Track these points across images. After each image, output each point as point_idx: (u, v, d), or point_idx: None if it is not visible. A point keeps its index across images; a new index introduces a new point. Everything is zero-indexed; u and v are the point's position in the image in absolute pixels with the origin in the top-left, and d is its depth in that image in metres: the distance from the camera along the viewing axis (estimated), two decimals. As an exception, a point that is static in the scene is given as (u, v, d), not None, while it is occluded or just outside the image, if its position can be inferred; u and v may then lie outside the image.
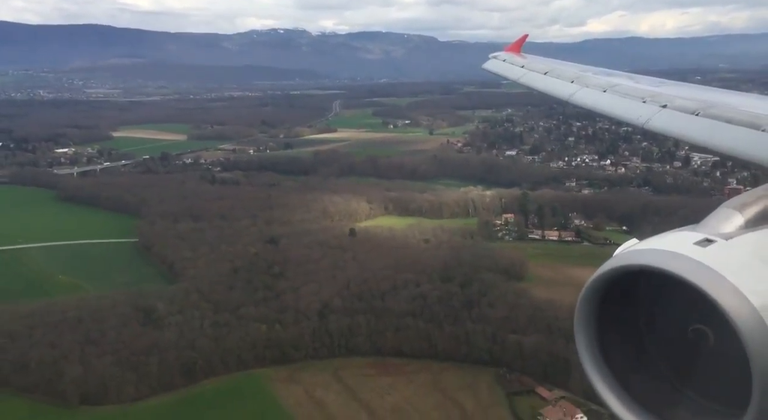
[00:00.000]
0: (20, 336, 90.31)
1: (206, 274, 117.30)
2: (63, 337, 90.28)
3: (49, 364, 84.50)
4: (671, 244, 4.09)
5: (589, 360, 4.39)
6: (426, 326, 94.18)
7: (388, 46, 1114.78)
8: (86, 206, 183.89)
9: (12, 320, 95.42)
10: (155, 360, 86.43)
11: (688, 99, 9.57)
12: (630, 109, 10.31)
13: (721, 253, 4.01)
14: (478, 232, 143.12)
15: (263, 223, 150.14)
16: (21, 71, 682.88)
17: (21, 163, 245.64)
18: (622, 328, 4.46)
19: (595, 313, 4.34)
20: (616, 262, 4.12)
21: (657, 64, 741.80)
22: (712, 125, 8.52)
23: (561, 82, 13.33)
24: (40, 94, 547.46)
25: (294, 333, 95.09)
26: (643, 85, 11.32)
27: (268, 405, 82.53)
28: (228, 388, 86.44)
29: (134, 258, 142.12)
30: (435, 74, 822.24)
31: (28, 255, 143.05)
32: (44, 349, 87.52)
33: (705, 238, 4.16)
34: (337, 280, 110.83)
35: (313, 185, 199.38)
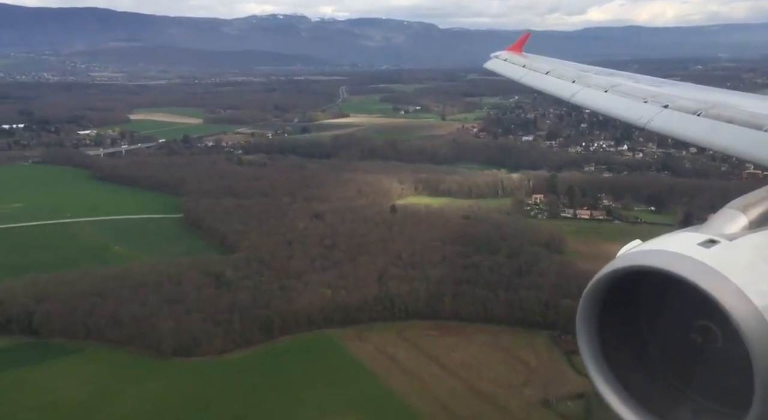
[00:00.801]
0: (108, 296, 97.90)
1: (261, 245, 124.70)
2: (148, 296, 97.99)
3: (142, 320, 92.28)
4: (675, 245, 4.17)
5: (591, 359, 4.47)
6: (481, 292, 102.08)
7: (388, 32, 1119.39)
8: (121, 185, 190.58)
9: (95, 283, 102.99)
10: (236, 317, 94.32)
11: (689, 99, 9.75)
12: (631, 109, 10.54)
13: (724, 254, 4.07)
14: (513, 211, 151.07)
15: (303, 201, 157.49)
16: (23, 54, 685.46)
17: (47, 144, 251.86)
18: (625, 328, 4.53)
19: (598, 313, 4.41)
20: (620, 263, 4.21)
21: (657, 53, 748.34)
22: (714, 125, 8.60)
23: (562, 82, 13.65)
24: (44, 77, 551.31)
25: (357, 297, 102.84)
26: (645, 85, 11.54)
27: (344, 359, 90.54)
28: (303, 344, 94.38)
29: (181, 232, 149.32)
30: (435, 61, 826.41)
31: (79, 228, 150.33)
32: (134, 306, 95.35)
33: (708, 239, 4.22)
34: (388, 252, 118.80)
35: (340, 167, 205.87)
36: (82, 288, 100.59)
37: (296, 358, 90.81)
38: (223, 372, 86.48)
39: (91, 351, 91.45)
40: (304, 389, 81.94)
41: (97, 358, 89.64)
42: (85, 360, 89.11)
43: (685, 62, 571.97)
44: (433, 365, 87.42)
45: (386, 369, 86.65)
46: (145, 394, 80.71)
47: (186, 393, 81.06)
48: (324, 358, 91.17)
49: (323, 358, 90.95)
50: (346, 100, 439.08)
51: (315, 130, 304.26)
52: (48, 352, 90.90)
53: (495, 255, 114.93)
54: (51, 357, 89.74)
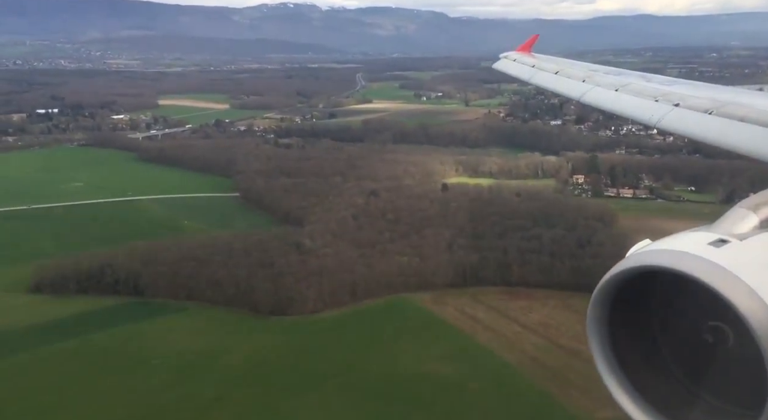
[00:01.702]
0: (204, 261, 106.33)
1: (327, 219, 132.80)
2: (241, 261, 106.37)
3: (241, 282, 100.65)
4: (685, 245, 4.18)
5: (602, 360, 4.47)
6: (547, 260, 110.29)
7: (398, 21, 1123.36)
8: (169, 166, 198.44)
9: (189, 250, 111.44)
10: (325, 280, 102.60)
11: (700, 98, 9.73)
12: (642, 108, 10.54)
13: (735, 254, 4.07)
14: (558, 190, 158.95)
15: (354, 180, 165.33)
16: (38, 42, 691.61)
17: (84, 128, 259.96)
18: (636, 328, 4.55)
19: (609, 313, 4.43)
20: (630, 263, 4.23)
21: (668, 41, 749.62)
22: (726, 124, 8.66)
23: (572, 81, 13.76)
24: (61, 64, 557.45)
25: (430, 265, 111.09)
26: (655, 84, 11.55)
27: (428, 318, 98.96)
28: (386, 306, 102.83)
29: (240, 209, 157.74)
30: (446, 50, 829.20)
31: (144, 205, 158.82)
32: (230, 270, 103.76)
33: (719, 238, 4.24)
34: (450, 225, 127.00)
35: (377, 150, 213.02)
36: (179, 254, 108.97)
37: (383, 317, 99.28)
38: (320, 328, 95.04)
39: (194, 310, 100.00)
40: (398, 343, 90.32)
41: (201, 315, 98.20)
42: (190, 317, 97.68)
43: (698, 50, 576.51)
44: (513, 324, 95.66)
45: (471, 327, 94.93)
46: (254, 345, 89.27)
47: (292, 345, 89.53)
48: (409, 317, 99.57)
49: (408, 318, 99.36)
50: (366, 87, 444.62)
51: (342, 115, 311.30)
52: (155, 310, 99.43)
53: (553, 228, 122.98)
54: (159, 314, 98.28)
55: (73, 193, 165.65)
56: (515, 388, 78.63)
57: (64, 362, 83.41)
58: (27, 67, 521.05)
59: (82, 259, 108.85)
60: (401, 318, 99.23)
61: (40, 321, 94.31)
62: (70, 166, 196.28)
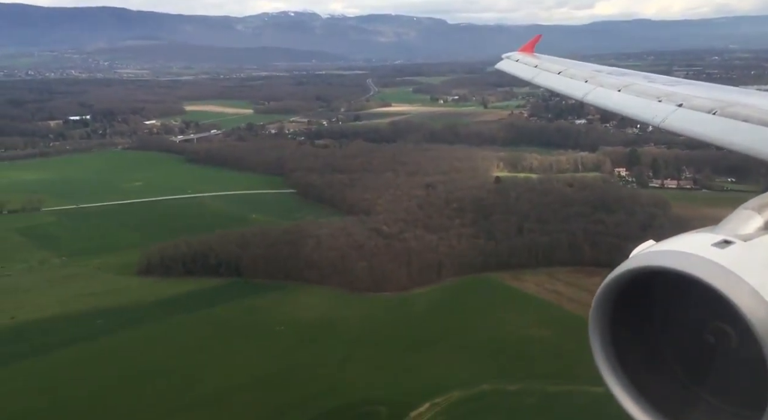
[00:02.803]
0: (296, 245, 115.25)
1: (394, 209, 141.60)
2: (331, 244, 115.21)
3: (337, 262, 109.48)
4: (689, 246, 4.21)
5: (603, 361, 4.53)
6: (616, 241, 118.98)
7: (399, 28, 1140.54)
8: (216, 166, 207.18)
9: (278, 236, 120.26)
10: (414, 260, 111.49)
11: (704, 98, 9.92)
12: (645, 108, 10.78)
13: (739, 255, 4.10)
14: (606, 181, 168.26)
15: (405, 175, 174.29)
16: (46, 52, 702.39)
17: (121, 133, 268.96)
18: (638, 329, 4.60)
19: (611, 314, 4.49)
20: (634, 264, 4.27)
21: (666, 45, 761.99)
22: (730, 124, 8.76)
23: (575, 81, 14.00)
24: (72, 74, 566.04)
25: (504, 247, 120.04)
26: (658, 85, 11.82)
27: (513, 293, 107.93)
28: (469, 284, 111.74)
29: (300, 203, 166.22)
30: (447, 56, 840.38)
31: (206, 202, 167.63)
32: (323, 252, 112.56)
33: (723, 239, 4.26)
34: (515, 212, 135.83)
35: (414, 149, 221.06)
36: (271, 239, 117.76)
37: (470, 292, 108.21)
38: (415, 302, 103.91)
39: (293, 288, 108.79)
40: (493, 313, 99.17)
41: (302, 292, 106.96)
42: (293, 294, 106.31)
43: (699, 53, 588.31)
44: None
45: (555, 299, 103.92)
46: (361, 316, 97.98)
47: (396, 316, 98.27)
48: (494, 292, 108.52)
49: (494, 293, 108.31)
50: (379, 91, 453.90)
51: (366, 118, 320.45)
52: (257, 288, 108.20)
53: (613, 214, 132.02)
54: (262, 292, 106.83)
55: (136, 191, 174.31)
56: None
57: (195, 330, 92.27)
58: (40, 77, 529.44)
59: (181, 245, 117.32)
60: (487, 293, 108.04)
61: (159, 298, 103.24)
62: (124, 167, 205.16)
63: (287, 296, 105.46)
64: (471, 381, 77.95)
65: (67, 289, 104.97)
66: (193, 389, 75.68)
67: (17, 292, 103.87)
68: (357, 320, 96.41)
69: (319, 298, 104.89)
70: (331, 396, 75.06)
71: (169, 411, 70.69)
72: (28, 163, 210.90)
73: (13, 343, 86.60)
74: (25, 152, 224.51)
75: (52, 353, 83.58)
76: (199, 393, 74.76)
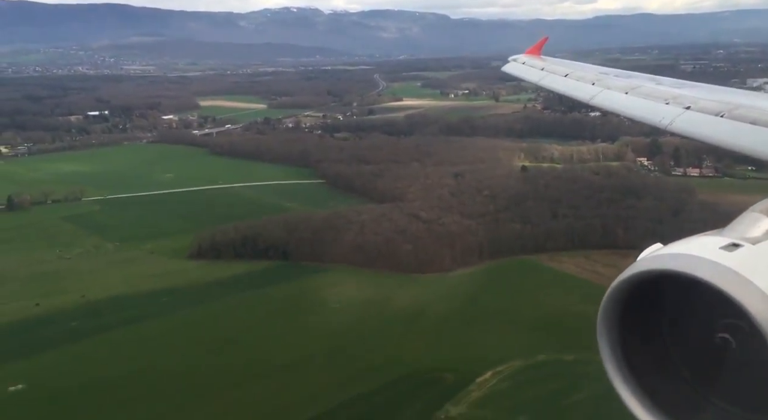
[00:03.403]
0: (340, 230, 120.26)
1: (427, 197, 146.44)
2: (374, 229, 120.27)
3: (382, 245, 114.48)
4: (697, 249, 4.21)
5: (612, 365, 4.52)
6: (649, 224, 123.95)
7: (401, 23, 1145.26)
8: (242, 158, 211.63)
9: (321, 222, 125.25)
10: (457, 244, 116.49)
11: (711, 101, 9.94)
12: (653, 110, 10.81)
13: (748, 258, 4.10)
14: (630, 169, 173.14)
15: (431, 165, 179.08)
16: (52, 49, 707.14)
17: (141, 128, 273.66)
18: (646, 333, 4.59)
19: (619, 317, 4.47)
20: (642, 267, 4.26)
21: (670, 39, 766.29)
22: (738, 127, 8.78)
23: (582, 84, 14.14)
24: (80, 70, 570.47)
25: (541, 231, 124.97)
26: (666, 87, 11.84)
27: (554, 274, 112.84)
28: (510, 265, 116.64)
29: (330, 192, 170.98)
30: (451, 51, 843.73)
31: (239, 191, 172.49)
32: (369, 236, 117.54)
33: (731, 242, 4.28)
34: (546, 198, 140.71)
35: (433, 141, 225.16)
36: (316, 225, 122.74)
37: (512, 273, 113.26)
38: (460, 282, 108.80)
39: (340, 270, 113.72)
40: (538, 292, 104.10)
41: (350, 274, 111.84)
42: (341, 275, 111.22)
43: (704, 47, 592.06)
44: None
45: (597, 279, 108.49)
46: (410, 294, 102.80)
47: (443, 295, 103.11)
48: (535, 273, 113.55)
49: (535, 273, 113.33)
50: (388, 86, 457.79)
51: (379, 112, 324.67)
52: (306, 271, 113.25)
53: (643, 199, 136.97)
54: (310, 275, 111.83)
55: (168, 182, 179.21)
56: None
57: (255, 308, 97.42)
58: (48, 73, 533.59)
59: (230, 231, 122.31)
60: (529, 273, 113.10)
61: (215, 279, 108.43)
62: (152, 160, 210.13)
63: (336, 278, 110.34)
64: (528, 352, 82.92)
65: (127, 271, 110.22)
66: (268, 359, 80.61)
67: (81, 274, 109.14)
68: (409, 299, 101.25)
69: (368, 279, 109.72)
70: (397, 365, 79.98)
71: (250, 377, 75.65)
72: (59, 156, 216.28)
73: (90, 318, 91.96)
74: (54, 146, 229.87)
75: (128, 327, 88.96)
76: (274, 362, 79.65)
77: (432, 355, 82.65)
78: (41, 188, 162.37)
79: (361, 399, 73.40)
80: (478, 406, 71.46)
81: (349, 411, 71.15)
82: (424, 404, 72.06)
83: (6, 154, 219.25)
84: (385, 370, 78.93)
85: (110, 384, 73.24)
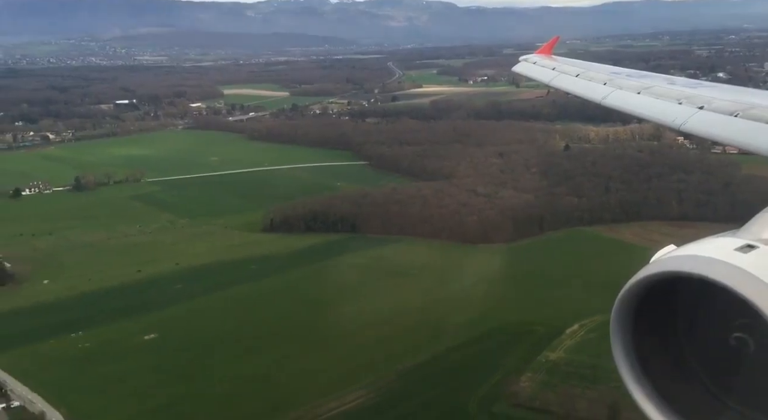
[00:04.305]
0: (404, 204, 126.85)
1: (477, 174, 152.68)
2: (437, 202, 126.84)
3: (447, 217, 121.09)
4: (711, 251, 4.20)
5: (626, 367, 4.51)
6: (702, 197, 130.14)
7: (410, 12, 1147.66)
8: (279, 143, 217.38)
9: (382, 198, 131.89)
10: (519, 215, 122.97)
11: (725, 100, 9.93)
12: (666, 110, 10.82)
13: (763, 259, 4.08)
14: (670, 147, 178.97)
15: (474, 146, 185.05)
16: (63, 40, 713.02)
17: (172, 115, 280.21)
18: (661, 335, 4.57)
19: (633, 319, 4.45)
20: (655, 268, 4.28)
21: (678, 25, 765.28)
22: (753, 127, 8.75)
23: (593, 84, 14.18)
24: (93, 61, 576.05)
25: (596, 203, 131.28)
26: (679, 87, 11.85)
27: (613, 243, 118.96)
28: (571, 235, 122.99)
29: (375, 173, 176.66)
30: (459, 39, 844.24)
31: (287, 173, 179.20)
32: (433, 209, 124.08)
33: (746, 244, 4.27)
34: (594, 174, 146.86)
35: (465, 124, 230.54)
36: (381, 199, 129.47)
37: (574, 242, 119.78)
38: (526, 251, 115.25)
39: (408, 241, 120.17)
40: (601, 258, 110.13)
41: (419, 245, 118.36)
42: (411, 246, 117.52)
43: (715, 33, 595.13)
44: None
45: (655, 247, 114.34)
46: (482, 262, 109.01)
47: (515, 261, 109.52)
48: (597, 242, 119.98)
49: (597, 242, 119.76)
50: (404, 74, 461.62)
51: (403, 98, 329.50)
52: (376, 242, 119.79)
53: (691, 174, 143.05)
54: (382, 245, 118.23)
55: (215, 165, 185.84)
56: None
57: (336, 273, 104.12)
58: (63, 64, 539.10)
59: (298, 206, 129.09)
60: (591, 242, 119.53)
61: (292, 249, 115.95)
62: (194, 145, 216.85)
63: (407, 247, 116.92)
64: (607, 308, 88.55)
65: (208, 243, 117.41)
66: (361, 315, 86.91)
67: (167, 246, 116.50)
68: (481, 265, 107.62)
69: (437, 249, 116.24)
70: (488, 319, 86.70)
71: (354, 329, 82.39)
72: (105, 142, 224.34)
73: (191, 282, 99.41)
74: (96, 132, 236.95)
75: (227, 289, 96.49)
76: (367, 318, 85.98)
77: (518, 312, 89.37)
78: (103, 170, 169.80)
79: (462, 347, 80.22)
80: (574, 351, 78.16)
81: (454, 357, 77.89)
82: (523, 351, 78.79)
83: (54, 140, 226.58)
84: (477, 324, 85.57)
85: (231, 334, 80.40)
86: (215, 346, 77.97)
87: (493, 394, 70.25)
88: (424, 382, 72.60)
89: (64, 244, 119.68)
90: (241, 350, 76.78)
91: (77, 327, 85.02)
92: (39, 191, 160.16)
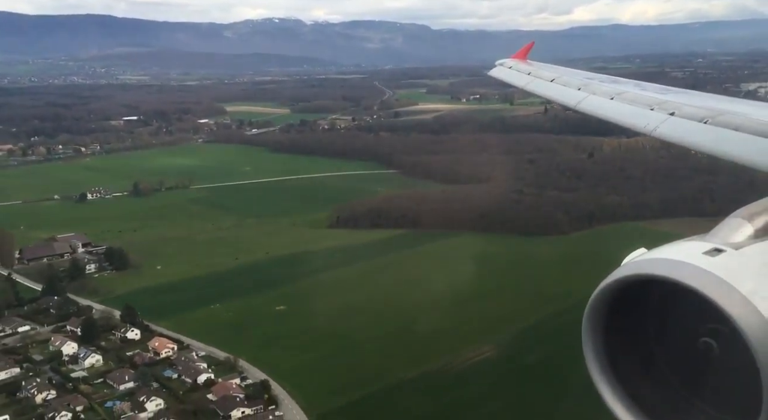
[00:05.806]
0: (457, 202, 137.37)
1: (516, 178, 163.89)
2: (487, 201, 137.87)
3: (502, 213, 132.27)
4: (680, 254, 4.31)
5: (597, 369, 4.61)
6: (731, 194, 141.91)
7: (385, 34, 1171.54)
8: (304, 154, 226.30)
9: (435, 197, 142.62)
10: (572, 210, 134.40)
11: (696, 107, 10.18)
12: (638, 116, 11.01)
13: (730, 263, 4.20)
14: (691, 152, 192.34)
15: (497, 154, 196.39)
16: (40, 60, 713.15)
17: (184, 130, 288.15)
18: (631, 337, 4.66)
19: (604, 322, 4.56)
20: (625, 272, 4.35)
21: (646, 49, 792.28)
22: (721, 133, 8.97)
23: (568, 89, 14.28)
24: (75, 80, 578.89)
25: (636, 201, 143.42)
26: (650, 93, 12.05)
27: (658, 235, 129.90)
28: (617, 229, 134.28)
29: (408, 179, 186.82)
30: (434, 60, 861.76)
31: (324, 180, 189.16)
32: (486, 207, 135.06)
33: (714, 247, 4.36)
34: (626, 177, 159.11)
35: (477, 138, 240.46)
36: (434, 198, 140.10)
37: (623, 234, 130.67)
38: (583, 242, 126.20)
39: (467, 235, 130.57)
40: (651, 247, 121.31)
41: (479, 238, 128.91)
42: (472, 239, 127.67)
43: (683, 56, 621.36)
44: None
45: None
46: (543, 251, 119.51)
47: (574, 251, 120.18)
48: (643, 234, 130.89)
49: (643, 234, 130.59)
50: (394, 93, 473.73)
51: (404, 115, 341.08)
52: (438, 236, 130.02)
53: (717, 175, 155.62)
54: (445, 238, 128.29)
55: (251, 174, 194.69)
56: None
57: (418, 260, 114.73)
58: (44, 84, 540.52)
59: (356, 206, 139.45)
60: (637, 234, 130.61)
61: (365, 242, 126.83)
62: (223, 156, 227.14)
63: (472, 239, 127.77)
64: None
65: (285, 238, 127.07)
66: (457, 292, 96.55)
67: (247, 240, 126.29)
68: (544, 254, 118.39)
69: (498, 241, 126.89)
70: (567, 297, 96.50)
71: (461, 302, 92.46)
72: (134, 154, 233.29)
73: (288, 267, 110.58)
74: (122, 145, 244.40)
75: (324, 273, 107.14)
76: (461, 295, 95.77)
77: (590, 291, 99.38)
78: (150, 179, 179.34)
79: (557, 316, 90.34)
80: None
81: (552, 324, 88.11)
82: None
83: (85, 152, 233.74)
84: (562, 298, 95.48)
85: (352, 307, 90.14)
86: (344, 315, 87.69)
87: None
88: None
89: (155, 238, 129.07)
90: (372, 316, 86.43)
91: (211, 301, 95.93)
92: (101, 196, 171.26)
